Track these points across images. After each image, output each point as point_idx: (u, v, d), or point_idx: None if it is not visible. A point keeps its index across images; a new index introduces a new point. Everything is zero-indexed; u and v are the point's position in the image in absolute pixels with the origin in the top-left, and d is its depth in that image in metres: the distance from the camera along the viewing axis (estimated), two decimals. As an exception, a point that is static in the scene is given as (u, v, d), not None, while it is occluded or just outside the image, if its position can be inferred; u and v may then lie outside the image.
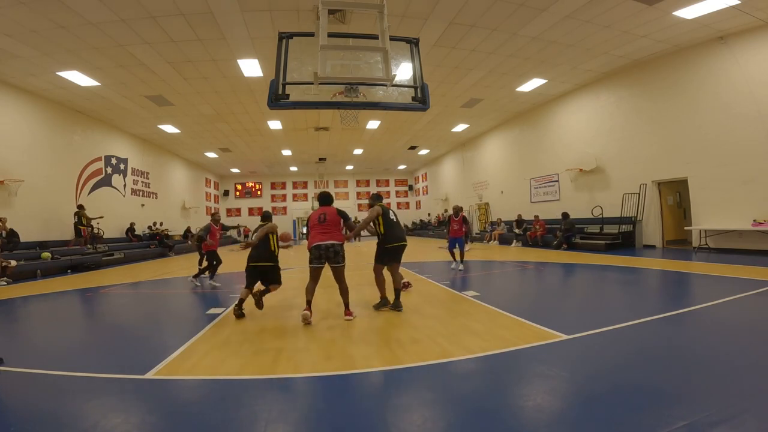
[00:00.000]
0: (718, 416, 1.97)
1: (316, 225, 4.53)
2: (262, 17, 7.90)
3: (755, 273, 6.06)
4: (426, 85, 4.53)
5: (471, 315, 4.41)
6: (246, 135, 17.43)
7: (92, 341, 4.24)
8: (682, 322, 3.84)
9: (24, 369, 3.04)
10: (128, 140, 16.31)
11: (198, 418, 2.25)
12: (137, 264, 13.23)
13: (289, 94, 4.21)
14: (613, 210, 11.86)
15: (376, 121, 16.39)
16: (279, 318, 4.68)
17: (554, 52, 10.08)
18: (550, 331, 3.55)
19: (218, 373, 2.91)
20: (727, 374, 2.52)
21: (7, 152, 10.41)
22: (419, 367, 2.90)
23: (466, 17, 8.26)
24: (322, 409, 2.35)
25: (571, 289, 6.44)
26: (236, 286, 7.31)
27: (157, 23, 7.84)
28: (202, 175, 25.79)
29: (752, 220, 8.56)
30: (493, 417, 2.13)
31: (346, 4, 5.31)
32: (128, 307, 6.20)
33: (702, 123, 9.59)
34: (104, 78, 10.40)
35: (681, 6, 7.80)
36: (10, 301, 6.51)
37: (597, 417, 2.07)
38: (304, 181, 31.06)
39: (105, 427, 2.15)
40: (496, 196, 19.07)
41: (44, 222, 11.63)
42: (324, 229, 4.48)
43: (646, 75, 10.87)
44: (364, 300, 5.42)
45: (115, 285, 8.16)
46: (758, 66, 8.40)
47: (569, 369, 2.74)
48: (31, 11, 7.08)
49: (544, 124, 15.04)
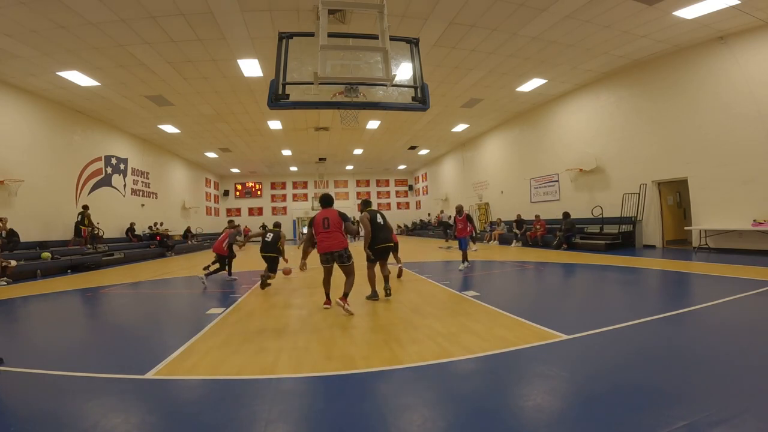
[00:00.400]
0: (718, 416, 1.97)
1: (321, 231, 4.83)
2: (262, 17, 7.90)
3: (755, 273, 6.06)
4: (426, 85, 4.52)
5: (471, 315, 4.41)
6: (246, 135, 17.43)
7: (92, 341, 4.24)
8: (682, 322, 3.84)
9: (24, 369, 3.04)
10: (128, 140, 16.30)
11: (198, 418, 2.26)
12: (137, 264, 13.23)
13: (289, 94, 4.20)
14: (613, 210, 11.86)
15: (376, 121, 16.38)
16: (279, 318, 4.69)
17: (554, 52, 10.08)
18: (550, 331, 3.55)
19: (218, 373, 2.91)
20: (727, 374, 2.52)
21: (7, 152, 10.40)
22: (419, 367, 2.90)
23: (466, 17, 8.26)
24: (322, 409, 2.35)
25: (571, 289, 6.44)
26: (242, 286, 7.31)
27: (157, 23, 7.84)
28: (202, 175, 25.79)
29: (752, 220, 8.56)
30: (493, 417, 2.13)
31: (346, 4, 5.31)
32: (128, 307, 6.20)
33: (702, 123, 9.59)
34: (104, 78, 10.40)
35: (681, 6, 7.80)
36: (10, 301, 6.51)
37: (597, 417, 2.07)
38: (304, 181, 31.06)
39: (105, 427, 2.15)
40: (496, 196, 19.07)
41: (44, 222, 11.62)
42: (327, 235, 4.80)
43: (646, 75, 10.87)
44: (364, 300, 5.42)
45: (115, 285, 8.16)
46: (758, 66, 8.40)
47: (569, 369, 2.74)
48: (31, 11, 7.08)
49: (544, 124, 15.04)
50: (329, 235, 4.77)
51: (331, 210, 4.91)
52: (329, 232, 4.77)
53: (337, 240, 4.77)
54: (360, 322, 4.36)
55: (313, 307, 5.16)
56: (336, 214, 4.83)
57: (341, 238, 4.81)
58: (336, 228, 4.79)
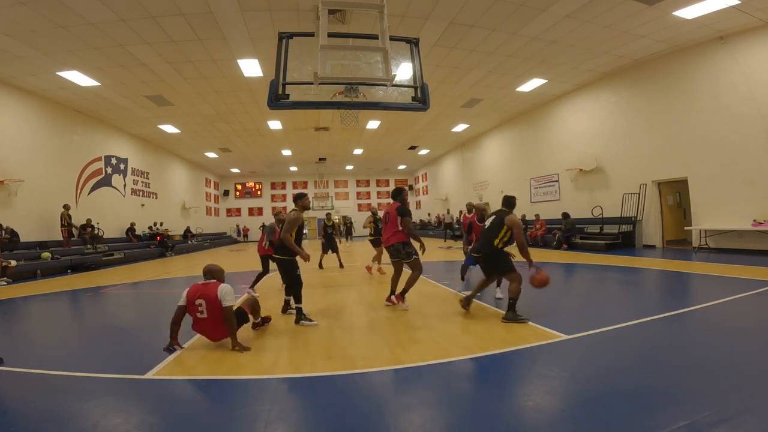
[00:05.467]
0: (718, 416, 1.97)
1: (384, 225, 5.04)
2: (262, 17, 7.90)
3: (755, 273, 6.06)
4: (426, 85, 4.51)
5: (471, 315, 4.41)
6: (246, 135, 17.43)
7: (92, 341, 4.23)
8: (682, 322, 3.84)
9: (24, 369, 3.04)
10: (128, 140, 16.30)
11: (198, 418, 2.26)
12: (137, 264, 13.22)
13: (289, 94, 4.19)
14: (613, 210, 11.86)
15: (376, 121, 16.38)
16: (279, 318, 4.68)
17: (554, 52, 10.07)
18: (550, 331, 3.55)
19: (218, 373, 2.91)
20: (727, 374, 2.52)
21: (8, 152, 10.40)
22: (419, 367, 2.90)
23: (466, 17, 8.25)
24: (322, 409, 2.35)
25: (571, 289, 6.44)
26: (240, 286, 7.30)
27: (157, 23, 7.84)
28: (202, 175, 25.79)
29: (752, 220, 8.56)
30: (493, 417, 2.13)
31: (346, 4, 5.30)
32: (128, 307, 6.20)
33: (702, 123, 9.59)
34: (104, 78, 10.40)
35: (681, 6, 7.79)
36: (10, 301, 6.51)
37: (597, 417, 2.07)
38: (304, 181, 31.06)
39: (105, 427, 2.15)
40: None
41: (44, 222, 11.62)
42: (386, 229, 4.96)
43: (646, 75, 10.87)
44: (364, 300, 5.42)
45: (115, 285, 8.16)
46: (758, 66, 8.39)
47: (569, 369, 2.74)
48: (31, 11, 7.07)
49: (544, 124, 15.04)
50: (387, 229, 4.94)
51: (392, 205, 5.01)
52: (387, 227, 4.93)
53: (394, 235, 4.83)
54: (360, 322, 4.36)
55: (313, 307, 5.15)
56: (394, 209, 4.89)
57: (398, 233, 4.84)
58: (392, 222, 4.87)
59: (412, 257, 4.80)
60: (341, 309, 4.60)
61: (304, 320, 4.24)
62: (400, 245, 4.80)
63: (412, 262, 4.82)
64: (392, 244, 4.86)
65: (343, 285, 7.26)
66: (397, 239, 4.81)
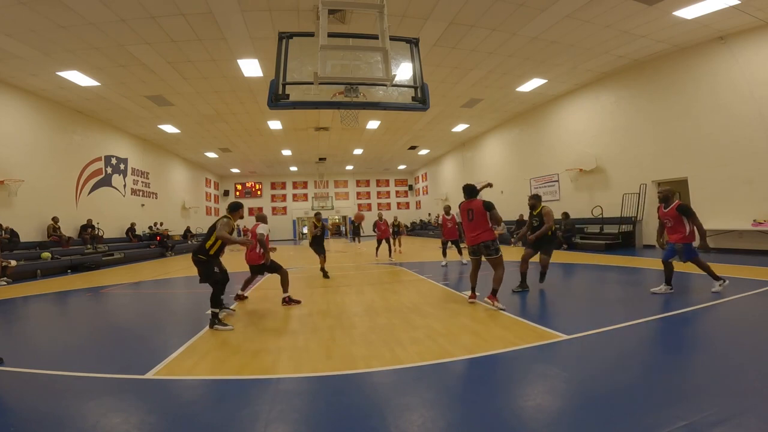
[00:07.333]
0: (718, 416, 1.97)
1: (466, 223, 4.88)
2: (262, 17, 7.90)
3: (755, 273, 6.06)
4: (426, 85, 4.52)
5: (471, 315, 4.41)
6: (246, 135, 17.43)
7: (92, 341, 4.23)
8: (682, 322, 3.84)
9: (24, 369, 3.05)
10: (128, 140, 16.30)
11: (198, 418, 2.26)
12: (137, 264, 13.23)
13: (289, 94, 4.20)
14: (613, 210, 11.86)
15: (376, 121, 16.39)
16: (279, 318, 4.69)
17: (554, 52, 10.07)
18: (550, 331, 3.55)
19: (218, 373, 2.92)
20: (727, 374, 2.51)
21: (8, 152, 10.40)
22: (419, 367, 2.90)
23: (466, 17, 8.25)
24: (322, 409, 2.35)
25: (571, 289, 6.43)
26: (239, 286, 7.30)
27: (157, 23, 7.84)
28: (202, 175, 25.79)
29: (752, 220, 8.56)
30: (493, 417, 2.13)
31: (346, 4, 5.30)
32: (128, 307, 6.19)
33: (702, 123, 9.59)
34: (104, 78, 10.40)
35: (681, 6, 7.80)
36: (10, 301, 6.51)
37: (597, 417, 2.07)
38: (304, 181, 31.08)
39: (105, 427, 2.15)
40: (496, 197, 19.00)
41: (44, 222, 11.61)
42: (472, 227, 4.80)
43: (646, 75, 10.87)
44: (364, 300, 5.42)
45: (115, 285, 8.16)
46: (758, 66, 8.39)
47: (569, 369, 2.74)
48: (31, 11, 7.08)
49: (544, 124, 15.03)
50: (473, 227, 4.77)
51: (474, 201, 4.86)
52: (473, 225, 4.77)
53: (483, 233, 4.73)
54: (360, 322, 4.36)
55: (313, 307, 5.15)
56: (480, 205, 4.77)
57: (487, 230, 4.74)
58: (481, 218, 4.76)
59: (498, 254, 4.76)
60: (340, 309, 4.60)
61: (218, 325, 4.16)
62: (489, 242, 4.73)
63: (496, 258, 4.76)
64: (481, 242, 4.75)
65: (344, 285, 7.26)
66: (487, 237, 4.73)
